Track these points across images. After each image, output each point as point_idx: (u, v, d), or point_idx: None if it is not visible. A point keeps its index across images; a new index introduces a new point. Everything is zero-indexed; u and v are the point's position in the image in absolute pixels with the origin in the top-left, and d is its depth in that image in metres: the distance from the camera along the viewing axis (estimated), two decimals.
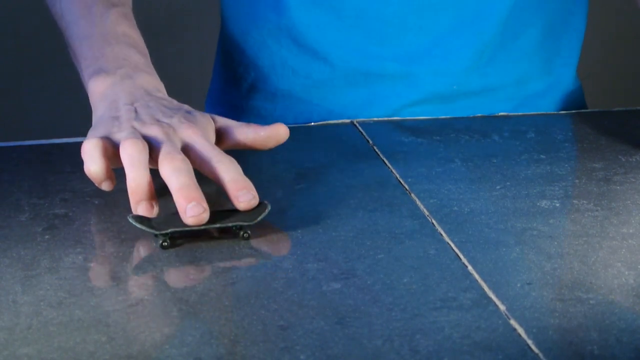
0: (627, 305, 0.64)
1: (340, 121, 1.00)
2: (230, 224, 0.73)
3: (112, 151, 0.78)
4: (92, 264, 0.70)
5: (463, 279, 0.67)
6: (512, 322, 0.62)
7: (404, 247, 0.72)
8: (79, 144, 0.78)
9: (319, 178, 0.85)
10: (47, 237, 0.74)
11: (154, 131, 0.79)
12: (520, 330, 0.61)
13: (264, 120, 1.07)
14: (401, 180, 0.84)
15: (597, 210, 0.78)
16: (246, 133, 0.83)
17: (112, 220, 0.77)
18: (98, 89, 0.85)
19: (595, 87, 2.25)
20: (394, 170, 0.86)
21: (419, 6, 1.01)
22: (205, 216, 0.72)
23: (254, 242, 0.73)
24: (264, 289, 0.67)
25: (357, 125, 0.98)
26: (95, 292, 0.66)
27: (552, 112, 1.06)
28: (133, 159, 0.75)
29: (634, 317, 0.63)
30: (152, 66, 0.88)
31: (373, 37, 1.02)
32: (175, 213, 0.74)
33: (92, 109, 0.85)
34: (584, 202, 0.80)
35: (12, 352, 0.59)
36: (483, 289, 0.66)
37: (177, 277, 0.69)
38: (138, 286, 0.67)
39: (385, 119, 1.01)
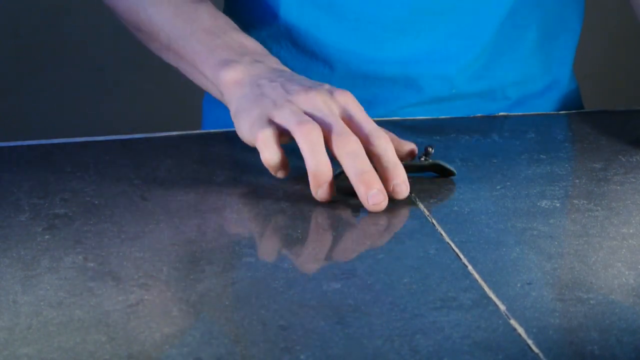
0: (627, 305, 0.64)
1: None
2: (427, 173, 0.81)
3: (284, 137, 0.79)
4: (92, 264, 0.70)
5: (463, 279, 0.67)
6: (512, 322, 0.62)
7: (404, 247, 0.72)
8: (79, 144, 0.79)
9: None
10: (47, 237, 0.74)
11: (312, 102, 0.80)
12: (520, 330, 0.61)
13: None
14: None
15: (597, 210, 0.78)
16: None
17: (112, 220, 0.77)
18: (231, 77, 0.85)
19: (595, 87, 2.25)
20: None
21: (418, 10, 1.01)
22: (385, 203, 0.76)
23: (254, 242, 0.73)
24: (264, 289, 0.67)
25: None
26: (95, 292, 0.66)
27: (552, 112, 1.06)
28: (313, 144, 0.77)
29: (634, 317, 0.63)
30: (265, 49, 0.90)
31: (372, 40, 1.02)
32: None
33: (227, 96, 0.85)
34: (584, 202, 0.80)
35: (12, 352, 0.59)
36: (483, 289, 0.66)
37: (177, 277, 0.69)
38: (138, 286, 0.67)
39: (385, 119, 1.01)
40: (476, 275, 0.68)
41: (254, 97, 0.82)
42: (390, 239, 0.73)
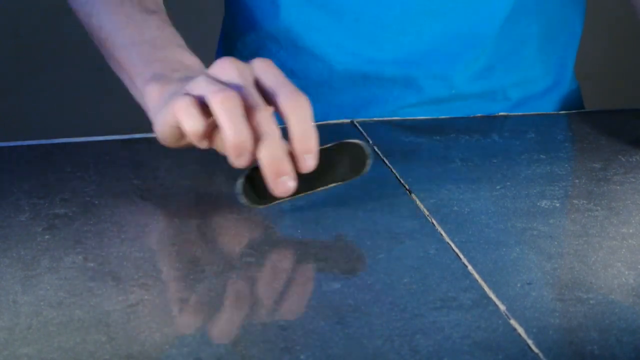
0: (627, 305, 0.64)
1: (340, 121, 1.00)
2: (332, 185, 0.75)
3: (201, 106, 0.74)
4: (92, 264, 0.70)
5: (463, 279, 0.67)
6: (512, 322, 0.62)
7: (404, 247, 0.72)
8: (79, 144, 0.78)
9: None
10: (47, 237, 0.74)
11: (226, 71, 0.75)
12: (520, 330, 0.61)
13: None
14: (401, 180, 0.84)
15: (597, 210, 0.78)
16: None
17: (112, 220, 0.77)
18: (158, 93, 0.82)
19: (595, 87, 2.25)
20: (394, 170, 0.86)
21: (418, 11, 1.01)
22: (292, 186, 0.73)
23: (253, 242, 0.73)
24: (264, 289, 0.67)
25: (357, 125, 0.98)
26: (95, 292, 0.66)
27: (552, 112, 1.06)
28: (230, 111, 0.72)
29: (634, 317, 0.63)
30: (203, 66, 0.86)
31: (372, 41, 1.02)
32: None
33: (151, 110, 0.82)
34: (584, 202, 0.80)
35: (12, 352, 0.59)
36: (483, 289, 0.66)
37: (177, 276, 0.69)
38: (138, 286, 0.67)
39: (386, 119, 1.01)
40: (476, 275, 0.68)
41: (169, 95, 0.79)
42: (390, 239, 0.73)
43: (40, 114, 2.15)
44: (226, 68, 0.76)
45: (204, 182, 0.77)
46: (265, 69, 0.76)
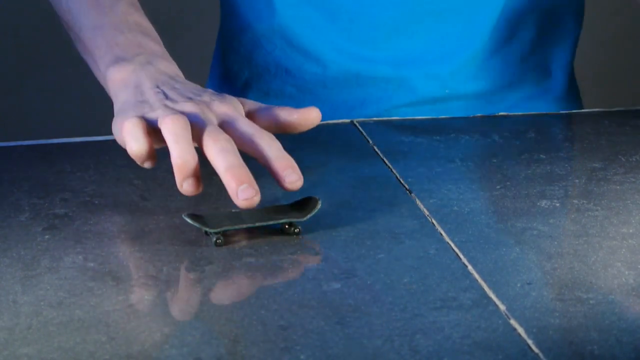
0: (627, 305, 0.64)
1: (340, 121, 1.00)
2: (283, 220, 0.73)
3: (151, 130, 0.77)
4: (92, 264, 0.70)
5: (463, 279, 0.67)
6: (512, 322, 0.62)
7: (404, 247, 0.72)
8: (79, 144, 0.79)
9: (319, 178, 0.85)
10: (47, 237, 0.74)
11: (188, 108, 0.78)
12: (520, 330, 0.61)
13: None
14: (401, 180, 0.84)
15: (597, 210, 0.78)
16: (279, 115, 0.82)
17: (112, 220, 0.77)
18: (118, 77, 0.84)
19: (595, 87, 2.25)
20: (394, 170, 0.86)
21: (412, 11, 1.01)
22: (257, 199, 0.72)
23: (253, 243, 0.73)
24: (264, 289, 0.67)
25: (357, 125, 0.98)
26: (95, 292, 0.66)
27: (552, 112, 1.06)
28: (177, 135, 0.74)
29: (634, 317, 0.63)
30: (167, 53, 0.88)
31: (366, 41, 1.02)
32: (228, 212, 0.74)
33: (113, 97, 0.84)
34: (584, 202, 0.80)
35: (12, 352, 0.59)
36: (483, 289, 0.66)
37: (177, 277, 0.69)
38: (138, 286, 0.67)
39: (386, 118, 1.01)
40: (476, 275, 0.68)
41: (135, 102, 0.81)
42: (390, 239, 0.73)
43: (40, 114, 2.15)
44: (188, 107, 0.78)
45: (203, 182, 0.77)
46: (227, 113, 0.78)
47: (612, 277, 0.68)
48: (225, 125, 0.78)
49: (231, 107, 0.79)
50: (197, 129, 0.76)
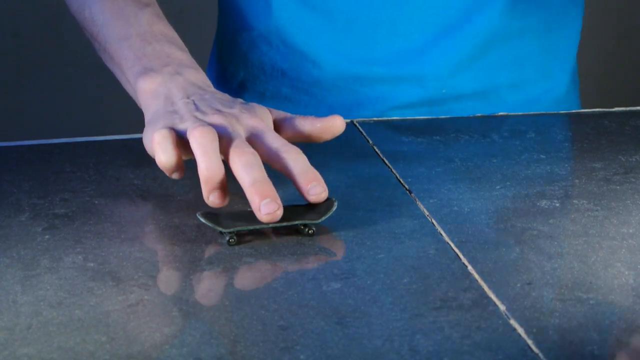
0: (627, 305, 0.64)
1: None
2: (297, 222, 0.73)
3: (180, 141, 0.77)
4: (92, 264, 0.70)
5: (463, 279, 0.68)
6: (512, 322, 0.62)
7: (404, 247, 0.72)
8: (79, 144, 0.79)
9: None
10: (47, 237, 0.74)
11: (217, 120, 0.78)
12: (520, 330, 0.61)
13: None
14: (401, 180, 0.84)
15: (597, 210, 0.78)
16: (303, 125, 0.83)
17: (112, 220, 0.77)
18: (148, 88, 0.84)
19: (595, 87, 2.25)
20: (394, 170, 0.86)
21: (409, 12, 1.01)
22: (279, 213, 0.72)
23: (253, 243, 0.73)
24: (264, 289, 0.67)
25: (357, 125, 0.98)
26: (95, 292, 0.66)
27: (552, 112, 1.06)
28: (205, 147, 0.75)
29: (634, 317, 0.63)
30: (195, 62, 0.88)
31: (362, 42, 1.02)
32: (242, 210, 0.74)
33: (143, 107, 0.84)
34: (584, 202, 0.80)
35: (12, 352, 0.59)
36: (483, 289, 0.66)
37: (177, 277, 0.69)
38: (138, 286, 0.67)
39: (386, 119, 1.01)
40: (476, 275, 0.68)
41: (165, 112, 0.81)
42: (390, 239, 0.73)
43: (40, 114, 2.15)
44: (217, 119, 0.79)
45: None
46: (255, 126, 0.79)
47: (612, 277, 0.68)
48: (253, 138, 0.78)
49: (259, 120, 0.80)
50: (224, 142, 0.77)
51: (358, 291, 0.66)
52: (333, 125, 0.83)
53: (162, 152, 0.77)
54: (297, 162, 0.76)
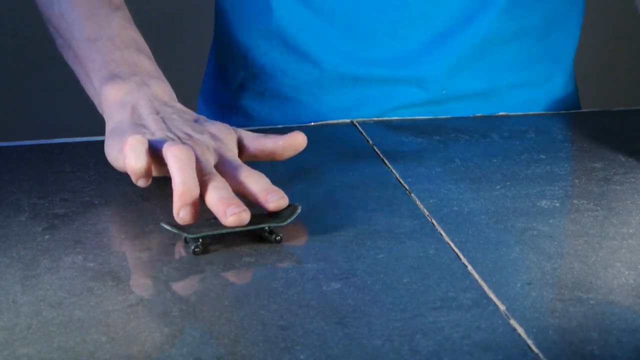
0: (627, 305, 0.64)
1: (340, 121, 1.01)
2: (262, 225, 0.73)
3: (153, 152, 0.78)
4: (92, 264, 0.70)
5: (463, 279, 0.68)
6: (512, 322, 0.62)
7: (404, 247, 0.72)
8: (79, 144, 0.79)
9: (319, 178, 0.85)
10: (47, 237, 0.74)
11: (191, 143, 0.79)
12: (520, 330, 0.61)
13: (252, 119, 1.07)
14: (401, 180, 0.84)
15: (597, 210, 0.78)
16: (265, 143, 0.83)
17: (112, 220, 0.77)
18: (114, 95, 0.85)
19: (595, 87, 2.25)
20: (394, 170, 0.86)
21: (409, 13, 1.01)
22: (245, 216, 0.72)
23: (253, 243, 0.73)
24: (264, 289, 0.67)
25: (357, 125, 0.98)
26: (95, 292, 0.66)
27: (552, 112, 1.06)
28: (183, 161, 0.75)
29: (634, 317, 0.63)
30: (161, 72, 0.88)
31: (363, 43, 1.02)
32: (208, 219, 0.74)
33: (106, 115, 0.85)
34: (584, 202, 0.80)
35: (12, 352, 0.59)
36: (483, 289, 0.66)
37: (177, 277, 0.69)
38: (138, 286, 0.67)
39: (386, 119, 1.01)
40: (476, 275, 0.68)
41: (132, 124, 0.82)
42: (390, 239, 0.73)
43: (40, 114, 2.15)
44: (187, 143, 0.79)
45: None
46: (222, 155, 0.80)
47: (612, 277, 0.68)
48: (221, 167, 0.79)
49: (227, 149, 0.81)
50: (197, 169, 0.77)
51: (358, 291, 0.66)
52: (294, 142, 0.83)
53: (135, 156, 0.77)
54: (258, 183, 0.77)
